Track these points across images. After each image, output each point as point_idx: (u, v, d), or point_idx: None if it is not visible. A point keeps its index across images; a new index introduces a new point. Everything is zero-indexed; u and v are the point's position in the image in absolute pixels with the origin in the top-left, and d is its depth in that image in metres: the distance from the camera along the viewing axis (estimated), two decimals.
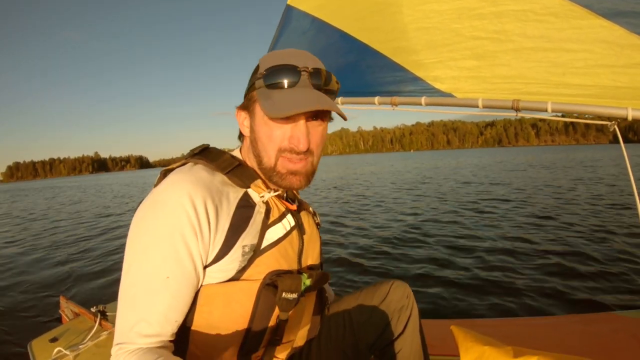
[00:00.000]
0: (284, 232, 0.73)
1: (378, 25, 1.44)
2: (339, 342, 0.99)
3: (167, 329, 0.61)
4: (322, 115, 0.72)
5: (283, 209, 0.75)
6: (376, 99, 1.44)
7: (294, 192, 0.87)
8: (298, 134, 0.68)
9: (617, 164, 17.23)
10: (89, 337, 1.44)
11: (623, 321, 1.56)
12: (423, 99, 1.33)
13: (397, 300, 0.99)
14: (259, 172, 0.76)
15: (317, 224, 0.91)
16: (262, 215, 0.71)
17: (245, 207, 0.70)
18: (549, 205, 6.88)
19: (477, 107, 1.17)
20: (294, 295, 0.70)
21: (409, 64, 1.39)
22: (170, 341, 0.64)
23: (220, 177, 0.70)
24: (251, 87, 0.71)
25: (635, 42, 0.97)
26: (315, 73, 0.69)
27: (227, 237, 0.66)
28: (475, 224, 5.55)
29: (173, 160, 0.78)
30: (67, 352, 1.34)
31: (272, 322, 0.70)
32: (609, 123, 0.90)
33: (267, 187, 0.75)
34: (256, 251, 0.68)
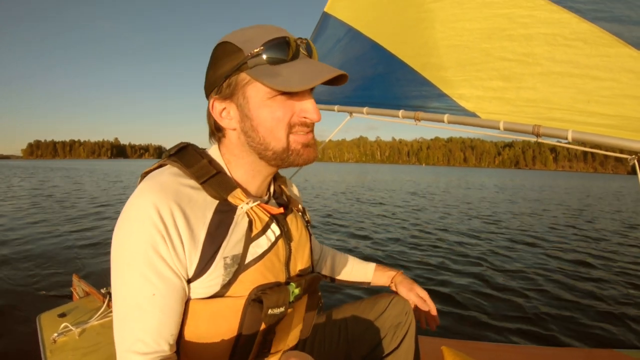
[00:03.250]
0: (269, 244, 0.70)
1: (410, 39, 1.49)
2: (332, 352, 0.98)
3: (164, 344, 0.60)
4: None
5: (266, 219, 0.70)
6: (400, 112, 1.48)
7: (283, 187, 0.85)
8: (309, 106, 0.66)
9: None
10: (96, 316, 1.47)
11: (625, 359, 1.52)
12: (446, 117, 1.36)
13: (395, 316, 0.99)
14: (239, 180, 0.72)
15: (307, 222, 0.86)
16: (245, 225, 0.67)
17: (223, 213, 0.65)
18: (558, 234, 6.77)
19: (498, 129, 1.19)
20: (281, 309, 0.67)
21: (437, 80, 1.43)
22: (173, 352, 0.62)
23: (194, 181, 0.65)
24: (239, 69, 0.64)
25: None
26: (307, 44, 0.68)
27: (204, 247, 0.62)
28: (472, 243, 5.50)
29: None
30: (73, 328, 1.37)
31: (259, 336, 0.68)
32: (629, 157, 0.91)
33: (247, 195, 0.71)
34: (240, 265, 0.65)
